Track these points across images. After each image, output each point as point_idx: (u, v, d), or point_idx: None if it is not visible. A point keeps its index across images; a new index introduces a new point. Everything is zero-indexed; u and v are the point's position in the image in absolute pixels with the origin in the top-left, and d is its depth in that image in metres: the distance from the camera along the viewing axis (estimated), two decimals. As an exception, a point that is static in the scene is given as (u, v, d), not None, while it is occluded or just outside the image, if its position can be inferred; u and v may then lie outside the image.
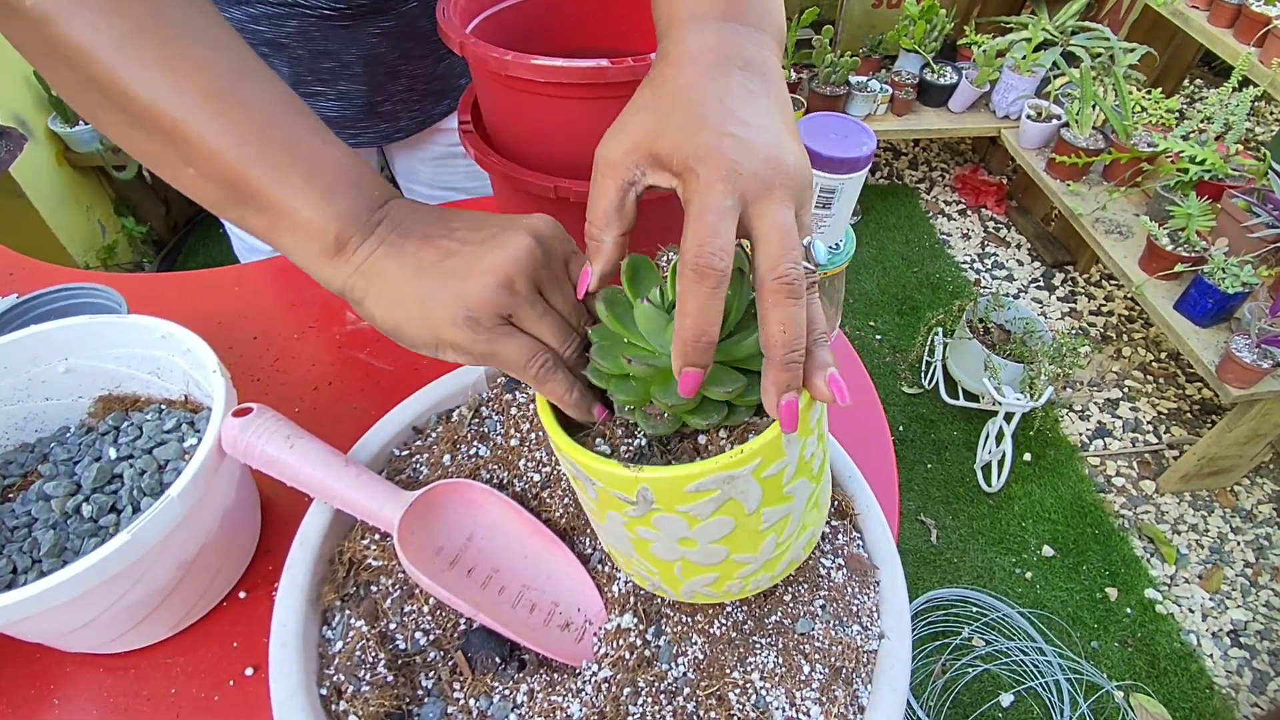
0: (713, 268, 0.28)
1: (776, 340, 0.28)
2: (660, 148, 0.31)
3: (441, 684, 0.38)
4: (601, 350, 0.34)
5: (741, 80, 0.32)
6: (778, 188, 0.30)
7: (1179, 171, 1.67)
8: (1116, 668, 1.37)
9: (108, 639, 0.45)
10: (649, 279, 0.34)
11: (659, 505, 0.30)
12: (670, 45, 0.35)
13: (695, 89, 0.32)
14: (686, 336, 0.28)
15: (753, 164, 0.30)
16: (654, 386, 0.32)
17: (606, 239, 0.33)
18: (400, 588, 0.41)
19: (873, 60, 2.15)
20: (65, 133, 1.69)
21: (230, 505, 0.46)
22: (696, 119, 0.31)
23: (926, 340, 1.79)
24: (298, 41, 0.68)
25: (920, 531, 1.54)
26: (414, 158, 0.88)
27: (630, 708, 0.35)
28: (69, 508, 0.45)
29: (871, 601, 0.39)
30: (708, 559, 0.33)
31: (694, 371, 0.29)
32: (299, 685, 0.36)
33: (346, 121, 0.77)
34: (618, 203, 0.33)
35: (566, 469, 0.34)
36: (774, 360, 0.29)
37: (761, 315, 0.29)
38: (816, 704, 0.34)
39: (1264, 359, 1.38)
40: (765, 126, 0.31)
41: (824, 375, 0.29)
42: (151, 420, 0.49)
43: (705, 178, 0.29)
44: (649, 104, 0.33)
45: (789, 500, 0.32)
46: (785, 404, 0.29)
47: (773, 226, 0.29)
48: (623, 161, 0.32)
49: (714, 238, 0.28)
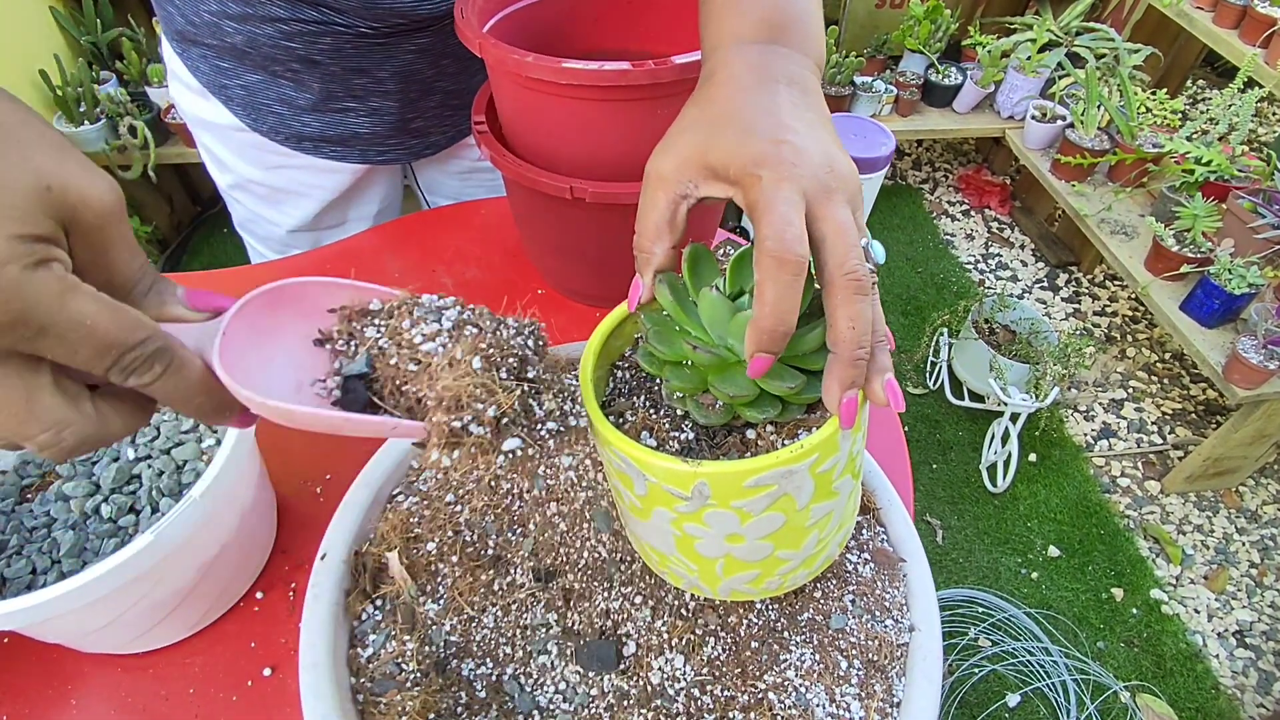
0: (794, 253, 0.28)
1: (845, 336, 0.29)
2: (715, 159, 0.32)
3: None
4: (659, 335, 0.33)
5: (787, 94, 0.33)
6: (836, 190, 0.30)
7: (1184, 172, 1.67)
8: (1123, 668, 1.37)
9: (127, 639, 0.45)
10: (709, 270, 0.34)
11: (714, 500, 0.31)
12: (716, 65, 0.36)
13: (744, 103, 0.33)
14: (764, 325, 0.29)
15: (810, 168, 0.30)
16: (712, 375, 0.32)
17: (658, 250, 0.33)
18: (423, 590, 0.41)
19: (877, 61, 2.15)
20: (70, 132, 1.69)
21: (249, 506, 0.46)
22: (748, 130, 0.32)
23: (931, 340, 1.79)
24: (332, 59, 0.66)
25: (926, 532, 1.54)
26: (440, 171, 0.86)
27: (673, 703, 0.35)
28: (88, 508, 0.45)
29: (900, 595, 0.39)
30: (752, 555, 0.33)
31: (766, 358, 0.29)
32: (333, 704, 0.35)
33: (377, 139, 0.75)
34: (669, 215, 0.33)
35: (612, 465, 0.34)
36: (841, 356, 0.29)
37: (830, 311, 0.29)
38: (856, 699, 0.34)
39: (1270, 359, 1.38)
40: (815, 135, 0.32)
41: (882, 380, 0.30)
42: (169, 421, 0.49)
43: (769, 179, 0.30)
44: (698, 121, 0.33)
45: (835, 496, 0.33)
46: (846, 401, 0.29)
47: (838, 225, 0.30)
48: (675, 175, 0.33)
49: (790, 226, 0.29)
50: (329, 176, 0.78)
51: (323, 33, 0.64)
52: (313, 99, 0.69)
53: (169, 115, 1.81)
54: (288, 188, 0.78)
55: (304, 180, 0.77)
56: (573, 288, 0.71)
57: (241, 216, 0.85)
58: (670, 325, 0.34)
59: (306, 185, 0.78)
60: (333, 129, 0.72)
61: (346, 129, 0.73)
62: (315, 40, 0.64)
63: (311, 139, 0.73)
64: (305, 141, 0.73)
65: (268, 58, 0.66)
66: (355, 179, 0.79)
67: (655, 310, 0.35)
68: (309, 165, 0.76)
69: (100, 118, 1.71)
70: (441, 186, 0.88)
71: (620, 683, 0.37)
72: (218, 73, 0.69)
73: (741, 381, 0.31)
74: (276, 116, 0.71)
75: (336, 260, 0.74)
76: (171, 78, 0.74)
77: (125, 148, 1.73)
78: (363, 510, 0.43)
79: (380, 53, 0.67)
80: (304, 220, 0.81)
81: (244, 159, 0.76)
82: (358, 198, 0.83)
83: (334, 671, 0.37)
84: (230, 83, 0.69)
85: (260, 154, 0.75)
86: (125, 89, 1.77)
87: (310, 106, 0.70)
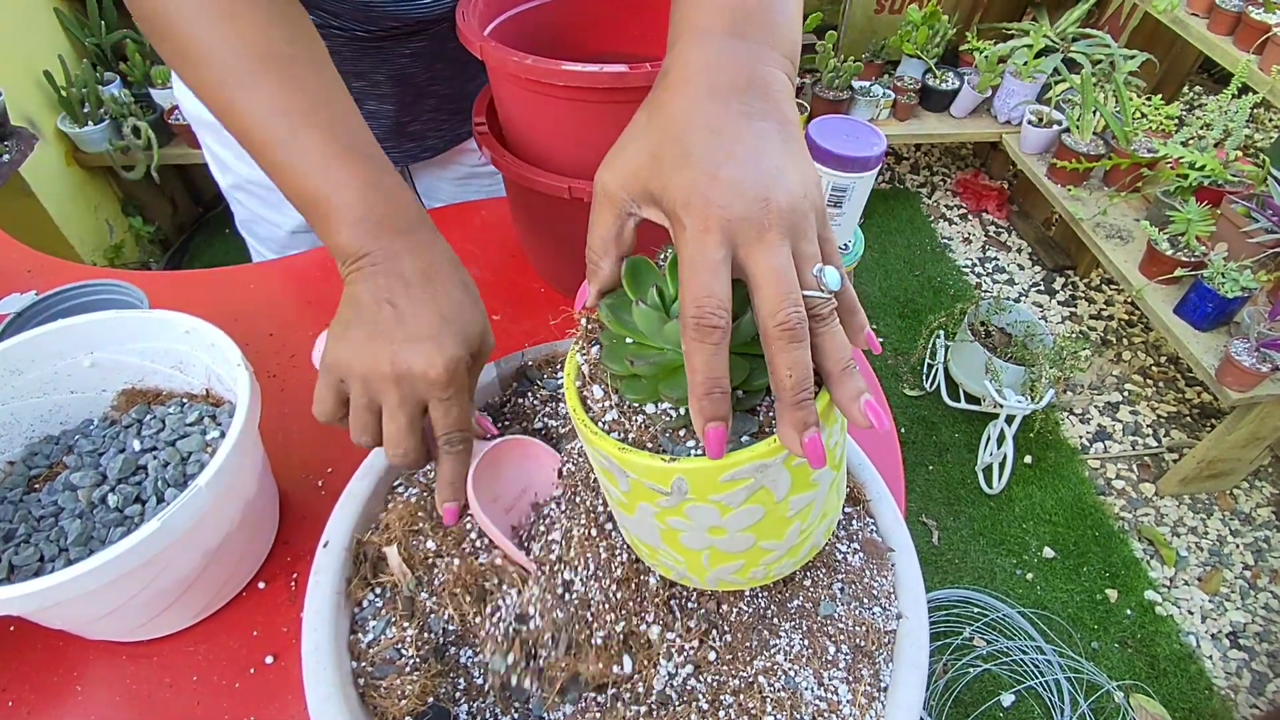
0: (713, 325, 0.28)
1: (785, 384, 0.29)
2: (653, 184, 0.32)
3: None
4: (609, 353, 0.34)
5: (739, 105, 0.32)
6: (770, 228, 0.29)
7: (1179, 177, 1.68)
8: (1116, 668, 1.38)
9: (132, 627, 0.46)
10: (648, 278, 0.35)
11: (693, 495, 0.31)
12: (673, 60, 0.35)
13: (688, 118, 0.32)
14: (700, 392, 0.29)
15: (742, 205, 0.29)
16: (660, 383, 0.33)
17: (605, 265, 0.34)
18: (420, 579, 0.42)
19: (875, 65, 2.17)
20: (74, 133, 1.70)
21: (252, 496, 0.47)
22: (686, 155, 0.31)
23: (928, 343, 1.81)
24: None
25: (922, 532, 1.55)
26: (437, 176, 0.88)
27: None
28: (95, 498, 0.46)
29: (889, 583, 0.40)
30: (735, 546, 0.34)
31: (717, 427, 0.29)
32: (335, 686, 0.36)
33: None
34: (615, 232, 0.34)
35: (596, 462, 0.35)
36: (786, 402, 0.29)
37: (769, 360, 0.29)
38: (844, 683, 0.35)
39: (1263, 363, 1.39)
40: (758, 157, 0.31)
41: (859, 405, 0.30)
42: (174, 413, 0.50)
43: (693, 229, 0.30)
44: (646, 132, 0.33)
45: (814, 487, 0.33)
46: (808, 441, 0.29)
47: (767, 271, 0.29)
48: (618, 193, 0.33)
49: (709, 296, 0.29)
50: None
51: (319, 36, 0.65)
52: None
53: (172, 116, 1.82)
54: None
55: None
56: (571, 286, 0.72)
57: (243, 217, 0.86)
58: (618, 340, 0.35)
59: None
60: None
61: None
62: None
63: None
64: None
65: None
66: None
67: (608, 333, 0.35)
68: None
69: (104, 118, 1.73)
70: (439, 191, 0.90)
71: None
72: None
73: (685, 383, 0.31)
74: None
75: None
76: (175, 77, 0.75)
77: (129, 148, 1.74)
78: (364, 500, 0.44)
79: (375, 56, 0.69)
80: (303, 223, 0.82)
81: (244, 160, 0.77)
82: None
83: (335, 655, 0.38)
84: None
85: None
86: (129, 90, 1.78)
87: None
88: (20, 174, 1.55)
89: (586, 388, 0.35)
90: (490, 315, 0.70)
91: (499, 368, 0.52)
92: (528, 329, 0.69)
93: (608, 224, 0.34)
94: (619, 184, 0.33)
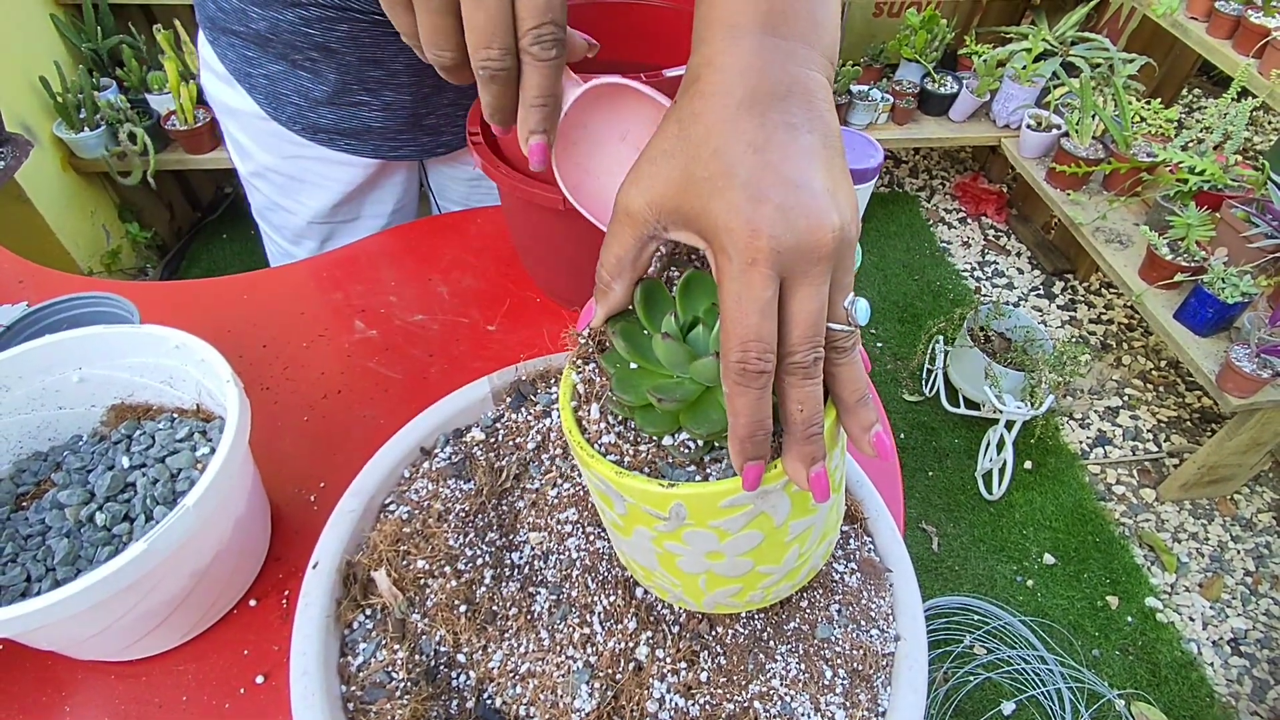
0: (759, 371, 0.27)
1: (796, 419, 0.28)
2: (688, 205, 0.29)
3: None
4: (621, 383, 0.33)
5: (780, 118, 0.29)
6: (820, 261, 0.27)
7: (1178, 181, 1.68)
8: (1118, 676, 1.37)
9: (120, 647, 0.45)
10: (665, 305, 0.33)
11: (691, 520, 0.31)
12: (702, 63, 0.31)
13: (726, 133, 0.29)
14: (742, 434, 0.28)
15: (793, 237, 0.27)
16: (684, 418, 0.32)
17: (617, 287, 0.32)
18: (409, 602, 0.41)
19: (874, 69, 2.17)
20: (70, 139, 1.70)
21: (242, 514, 0.47)
22: (726, 173, 0.28)
23: (927, 348, 1.80)
24: (348, 47, 0.69)
25: (921, 539, 1.54)
26: (449, 175, 0.88)
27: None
28: (83, 516, 0.45)
29: (887, 604, 0.39)
30: (733, 571, 0.33)
31: (756, 464, 0.28)
32: (324, 712, 0.36)
33: (389, 133, 0.77)
34: (634, 255, 0.31)
35: (593, 485, 0.34)
36: (795, 436, 0.28)
37: (780, 393, 0.29)
38: (841, 708, 0.35)
39: (1263, 368, 1.39)
40: (807, 180, 0.28)
41: (869, 437, 0.29)
42: (164, 429, 0.49)
43: (739, 261, 0.27)
44: (677, 147, 0.30)
45: (814, 512, 0.33)
46: (815, 476, 0.28)
47: (803, 312, 0.28)
48: (644, 213, 0.30)
49: (757, 341, 0.27)
50: (343, 169, 0.80)
51: (340, 19, 0.66)
52: (328, 91, 0.72)
53: (168, 122, 1.82)
54: (304, 177, 0.81)
55: (319, 171, 0.80)
56: (567, 297, 0.71)
57: (259, 204, 0.87)
58: (632, 373, 0.33)
59: (321, 176, 0.81)
60: (347, 121, 0.75)
61: (360, 122, 0.75)
62: (333, 26, 0.67)
63: (326, 131, 0.76)
64: (320, 133, 0.76)
65: (288, 45, 0.68)
66: (369, 174, 0.82)
67: (613, 358, 0.34)
68: (324, 156, 0.79)
69: (100, 124, 1.72)
70: (451, 190, 0.90)
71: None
72: (244, 61, 0.72)
73: (715, 416, 0.31)
74: (295, 107, 0.74)
75: (333, 268, 0.75)
76: (202, 65, 0.78)
77: (125, 154, 1.74)
78: (354, 520, 0.44)
79: (394, 43, 0.69)
80: (319, 212, 0.84)
81: (264, 147, 0.79)
82: (372, 193, 0.85)
83: (324, 680, 0.37)
84: (254, 71, 0.72)
85: (279, 143, 0.78)
86: (125, 96, 1.78)
87: (326, 99, 0.73)
88: (16, 180, 1.55)
89: (583, 407, 0.34)
90: (486, 325, 0.70)
91: (492, 383, 0.52)
92: (525, 339, 0.69)
93: (626, 245, 0.31)
94: (646, 202, 0.30)
